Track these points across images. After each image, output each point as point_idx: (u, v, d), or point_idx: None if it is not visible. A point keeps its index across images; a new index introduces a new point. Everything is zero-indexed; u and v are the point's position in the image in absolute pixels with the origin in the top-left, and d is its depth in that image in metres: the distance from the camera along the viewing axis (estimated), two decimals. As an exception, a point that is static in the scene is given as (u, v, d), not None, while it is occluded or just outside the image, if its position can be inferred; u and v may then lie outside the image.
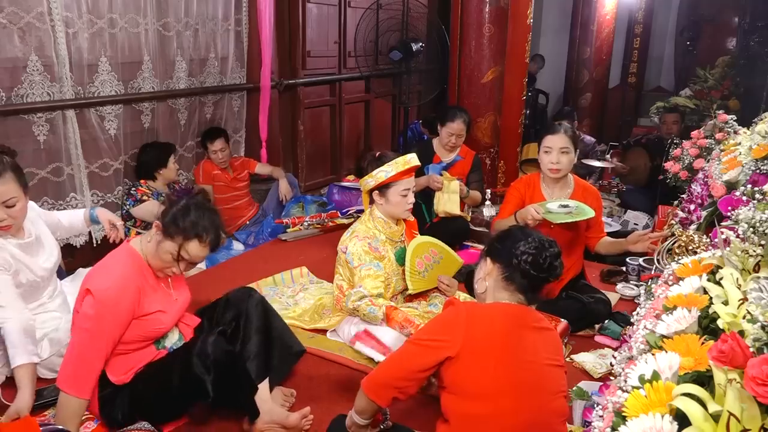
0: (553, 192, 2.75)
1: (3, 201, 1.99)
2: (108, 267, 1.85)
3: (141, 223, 3.45)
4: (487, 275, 1.64)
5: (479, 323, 1.50)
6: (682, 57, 7.56)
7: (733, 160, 2.30)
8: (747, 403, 0.79)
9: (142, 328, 1.85)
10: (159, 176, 3.51)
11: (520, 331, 1.51)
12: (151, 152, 3.53)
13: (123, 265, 1.84)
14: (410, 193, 2.53)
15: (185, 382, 1.81)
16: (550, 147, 2.64)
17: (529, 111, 7.08)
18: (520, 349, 1.48)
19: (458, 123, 3.66)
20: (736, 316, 1.02)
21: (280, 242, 3.90)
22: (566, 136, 2.63)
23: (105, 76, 3.34)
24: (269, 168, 4.32)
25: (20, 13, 2.87)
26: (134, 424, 1.85)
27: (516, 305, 1.58)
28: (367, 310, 2.39)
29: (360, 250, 2.47)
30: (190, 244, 1.82)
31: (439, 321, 1.58)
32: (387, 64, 5.27)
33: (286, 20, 4.55)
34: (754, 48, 5.78)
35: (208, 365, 1.78)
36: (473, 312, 1.53)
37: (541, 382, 1.49)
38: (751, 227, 1.23)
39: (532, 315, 1.58)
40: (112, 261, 1.87)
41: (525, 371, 1.47)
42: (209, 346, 1.81)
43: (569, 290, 2.75)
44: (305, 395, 2.24)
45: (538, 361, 1.50)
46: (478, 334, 1.48)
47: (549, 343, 1.55)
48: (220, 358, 1.80)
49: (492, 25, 4.28)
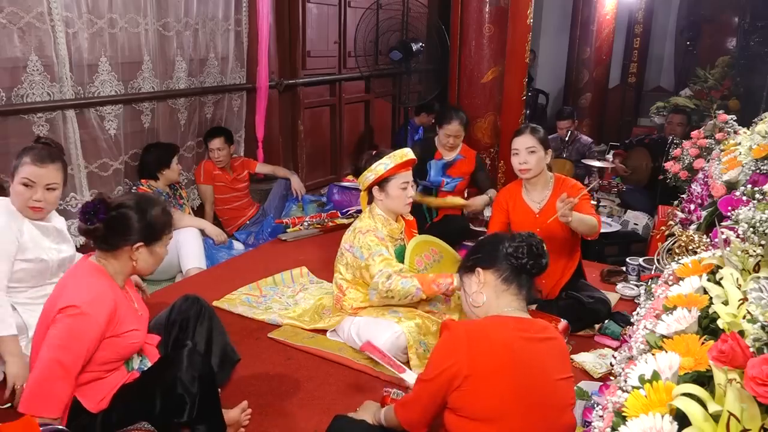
0: (533, 195, 2.75)
1: (46, 184, 2.16)
2: (81, 282, 1.74)
3: None
4: (482, 286, 1.60)
5: (480, 341, 1.44)
6: (682, 57, 7.57)
7: (733, 160, 2.30)
8: (747, 403, 0.79)
9: (117, 347, 1.76)
10: (161, 176, 3.53)
11: (525, 345, 1.45)
12: (155, 152, 3.54)
13: (97, 279, 1.75)
14: (409, 186, 2.53)
15: (168, 403, 1.72)
16: (517, 149, 2.65)
17: (529, 111, 7.08)
18: (529, 366, 1.42)
19: (455, 124, 3.69)
20: (736, 316, 1.02)
21: (280, 242, 3.90)
22: (532, 136, 2.64)
23: (105, 76, 3.34)
24: (270, 167, 4.32)
25: (20, 13, 2.87)
26: (134, 424, 1.84)
27: (515, 318, 1.53)
28: (400, 285, 2.33)
29: (367, 242, 2.46)
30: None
31: (439, 349, 1.50)
32: (387, 64, 5.28)
33: (286, 20, 4.55)
34: (754, 48, 5.79)
35: (192, 383, 1.71)
36: (471, 331, 1.47)
37: (551, 400, 1.44)
38: (751, 227, 1.23)
39: (535, 326, 1.52)
40: (83, 276, 1.77)
41: (534, 390, 1.41)
42: (191, 363, 1.73)
43: (569, 290, 2.75)
44: (305, 395, 2.24)
45: (548, 377, 1.44)
46: (482, 352, 1.42)
47: (556, 355, 1.50)
48: (202, 374, 1.74)
49: (492, 25, 4.27)
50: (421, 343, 2.34)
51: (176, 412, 1.72)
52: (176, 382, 1.70)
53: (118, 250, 1.77)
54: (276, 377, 2.35)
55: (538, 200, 2.73)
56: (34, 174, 2.13)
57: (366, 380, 2.33)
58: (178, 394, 1.70)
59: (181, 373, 1.71)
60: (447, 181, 3.85)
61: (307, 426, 2.06)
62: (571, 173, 4.90)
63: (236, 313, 2.85)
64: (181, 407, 1.71)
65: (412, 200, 2.58)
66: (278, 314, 2.82)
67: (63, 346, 1.64)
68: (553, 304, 2.68)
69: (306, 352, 2.52)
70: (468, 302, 1.66)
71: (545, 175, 2.73)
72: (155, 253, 1.83)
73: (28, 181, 2.13)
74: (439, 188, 3.89)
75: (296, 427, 2.06)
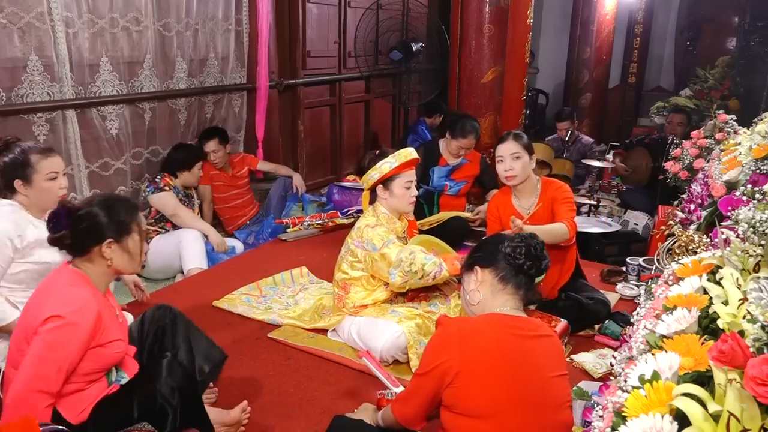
0: (522, 202, 2.76)
1: (63, 169, 2.27)
2: (64, 290, 1.68)
3: (156, 213, 3.48)
4: (479, 284, 1.61)
5: (472, 338, 1.45)
6: (682, 57, 7.57)
7: (733, 160, 2.30)
8: (747, 403, 0.79)
9: (101, 357, 1.71)
10: (180, 176, 3.58)
11: (518, 342, 1.46)
12: (183, 152, 3.62)
13: (80, 287, 1.69)
14: (413, 185, 2.54)
15: (149, 415, 1.69)
16: (501, 155, 2.65)
17: (529, 111, 7.09)
18: (522, 364, 1.43)
19: (469, 140, 3.74)
20: (736, 316, 1.02)
21: (280, 242, 3.90)
22: (516, 143, 2.64)
23: (106, 75, 3.35)
24: (271, 165, 4.33)
25: (20, 13, 2.87)
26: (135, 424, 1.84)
27: (509, 315, 1.53)
28: (423, 259, 2.34)
29: (378, 233, 2.47)
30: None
31: (431, 345, 1.52)
32: (387, 64, 5.28)
33: (286, 20, 4.55)
34: (754, 48, 5.79)
35: (172, 394, 1.69)
36: (464, 327, 1.49)
37: (545, 397, 1.44)
38: (751, 227, 1.23)
39: (529, 324, 1.53)
40: (66, 284, 1.70)
41: (527, 387, 1.42)
42: (171, 374, 1.71)
43: (568, 290, 2.75)
44: (305, 395, 2.24)
45: (541, 374, 1.45)
46: (474, 349, 1.43)
47: (550, 353, 1.50)
48: (182, 385, 1.73)
49: (492, 25, 4.27)
50: (421, 343, 2.34)
51: (158, 424, 1.69)
52: (156, 395, 1.68)
53: (90, 253, 1.72)
54: (276, 377, 2.35)
55: (527, 206, 2.74)
56: (56, 164, 2.24)
57: (366, 380, 2.33)
58: (159, 405, 1.68)
59: (161, 385, 1.69)
60: (450, 185, 3.87)
61: (307, 426, 2.06)
62: (571, 173, 4.91)
63: (236, 313, 2.85)
64: (163, 419, 1.69)
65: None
66: (278, 314, 2.82)
67: (46, 359, 1.58)
68: (553, 305, 2.68)
69: (306, 352, 2.52)
70: (465, 300, 1.68)
71: (532, 180, 2.74)
72: (128, 248, 1.76)
73: (55, 174, 2.22)
74: (442, 192, 3.90)
75: (296, 427, 2.06)
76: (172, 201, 3.47)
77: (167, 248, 3.37)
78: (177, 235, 3.41)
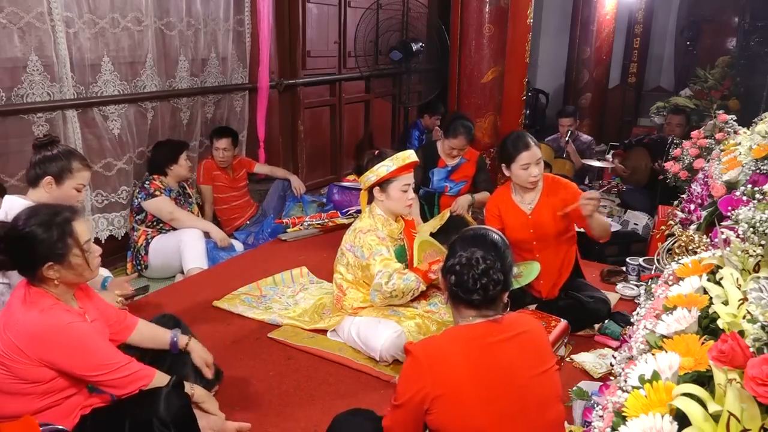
0: (524, 198, 2.76)
1: (84, 183, 2.37)
2: (33, 305, 1.62)
3: (152, 218, 3.46)
4: (446, 298, 1.53)
5: (440, 362, 1.40)
6: (682, 57, 7.56)
7: (733, 160, 2.30)
8: (747, 403, 0.79)
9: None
10: (170, 172, 3.56)
11: (488, 352, 1.40)
12: (163, 148, 3.59)
13: (47, 298, 1.65)
14: (410, 188, 2.55)
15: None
16: (528, 163, 2.63)
17: (529, 111, 7.08)
18: (494, 375, 1.38)
19: (460, 139, 3.73)
20: (736, 316, 1.02)
21: (280, 242, 3.90)
22: (538, 147, 2.67)
23: (108, 75, 3.35)
24: (268, 168, 4.33)
25: (20, 13, 2.87)
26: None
27: (475, 325, 1.45)
28: (403, 284, 2.38)
29: (368, 241, 2.48)
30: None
31: (403, 376, 1.45)
32: (387, 64, 5.28)
33: (286, 20, 4.55)
34: (754, 48, 5.79)
35: (167, 426, 1.65)
36: (431, 352, 1.42)
37: (528, 401, 1.39)
38: (751, 227, 1.23)
39: (499, 326, 1.44)
40: (30, 306, 1.63)
41: (506, 398, 1.37)
42: (168, 407, 1.68)
43: (568, 290, 2.75)
44: (305, 395, 2.24)
45: (519, 379, 1.39)
46: (443, 373, 1.38)
47: (528, 350, 1.44)
48: (177, 418, 1.69)
49: (492, 25, 4.27)
50: (421, 343, 2.34)
51: None
52: (152, 423, 1.64)
53: (38, 273, 1.63)
54: (276, 377, 2.35)
55: (529, 201, 2.74)
56: (87, 178, 2.37)
57: (366, 380, 2.33)
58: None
59: (159, 414, 1.66)
60: (450, 186, 3.87)
61: (307, 426, 2.06)
62: (571, 173, 4.91)
63: (236, 313, 2.85)
64: None
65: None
66: (278, 314, 2.82)
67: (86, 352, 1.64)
68: (553, 305, 2.68)
69: (306, 352, 2.52)
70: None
71: None
72: (71, 265, 1.66)
73: (82, 186, 2.35)
74: (443, 194, 3.90)
75: (296, 427, 2.06)
76: (166, 205, 3.46)
77: (167, 248, 3.37)
78: (177, 235, 3.41)
